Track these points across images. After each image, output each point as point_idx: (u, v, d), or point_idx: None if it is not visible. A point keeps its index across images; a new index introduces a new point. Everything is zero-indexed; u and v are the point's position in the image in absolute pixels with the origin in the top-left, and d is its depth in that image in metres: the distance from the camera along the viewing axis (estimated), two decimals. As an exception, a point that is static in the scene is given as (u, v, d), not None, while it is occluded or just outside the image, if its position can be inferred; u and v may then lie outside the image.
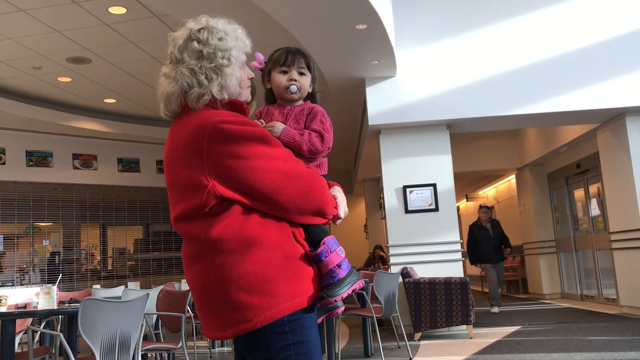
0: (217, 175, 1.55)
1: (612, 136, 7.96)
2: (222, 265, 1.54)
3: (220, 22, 1.71)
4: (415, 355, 5.69)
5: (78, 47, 7.26)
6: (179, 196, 1.62)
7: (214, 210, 1.56)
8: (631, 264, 7.63)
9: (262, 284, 1.53)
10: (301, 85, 1.88)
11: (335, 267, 1.64)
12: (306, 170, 1.66)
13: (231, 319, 1.54)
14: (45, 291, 4.19)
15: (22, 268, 9.99)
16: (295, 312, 1.56)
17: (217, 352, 6.77)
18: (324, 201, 1.67)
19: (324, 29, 5.76)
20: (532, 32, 7.49)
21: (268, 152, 1.59)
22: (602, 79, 7.30)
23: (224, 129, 1.56)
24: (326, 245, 1.64)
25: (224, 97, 1.65)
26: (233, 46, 1.68)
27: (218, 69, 1.65)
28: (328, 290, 1.62)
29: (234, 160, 1.55)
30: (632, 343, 5.56)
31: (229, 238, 1.54)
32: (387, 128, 7.57)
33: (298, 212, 1.61)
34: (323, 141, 1.82)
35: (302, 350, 1.57)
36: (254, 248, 1.54)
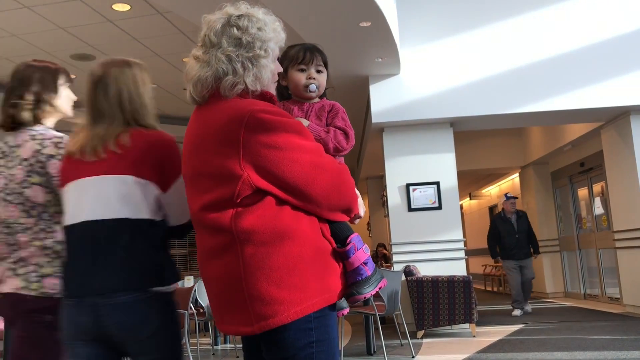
0: (252, 165, 1.51)
1: (617, 135, 7.94)
2: (253, 256, 1.50)
3: (260, 12, 1.68)
4: (418, 354, 5.69)
5: (82, 44, 7.27)
6: (208, 185, 1.56)
7: (246, 200, 1.52)
8: (635, 263, 7.61)
9: (292, 277, 1.50)
10: (319, 83, 1.87)
11: (362, 265, 1.63)
12: (339, 166, 1.66)
13: (259, 313, 1.50)
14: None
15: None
16: (322, 308, 1.54)
17: (220, 349, 6.78)
18: (354, 198, 1.67)
19: (328, 26, 5.75)
20: (537, 30, 7.46)
21: (304, 144, 1.57)
22: (607, 77, 7.28)
23: (263, 118, 1.52)
24: (353, 243, 1.64)
25: (257, 88, 1.61)
26: (271, 38, 1.65)
27: (255, 59, 1.60)
28: (357, 287, 1.61)
29: (270, 150, 1.51)
30: (636, 342, 5.55)
31: (261, 229, 1.51)
32: (391, 126, 7.56)
33: (329, 207, 1.60)
34: (348, 139, 1.81)
35: (324, 348, 1.56)
36: (286, 241, 1.51)
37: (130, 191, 1.76)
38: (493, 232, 8.78)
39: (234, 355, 6.21)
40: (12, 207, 2.00)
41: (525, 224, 8.65)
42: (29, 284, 1.95)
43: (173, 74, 8.46)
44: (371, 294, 1.63)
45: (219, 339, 7.07)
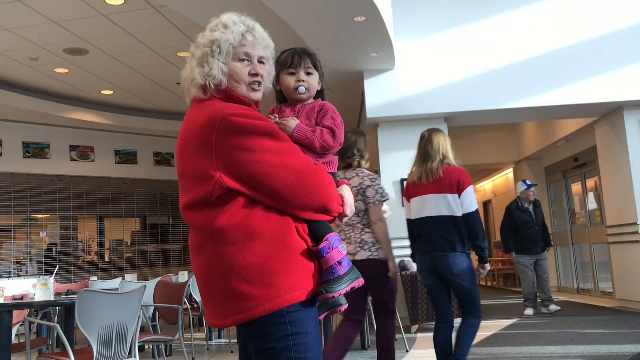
0: (224, 166, 1.59)
1: (610, 130, 7.96)
2: (225, 254, 1.58)
3: (227, 16, 1.76)
4: (412, 348, 5.71)
5: (75, 38, 7.22)
6: (188, 185, 1.67)
7: (219, 200, 1.60)
8: (627, 258, 7.65)
9: (262, 275, 1.57)
10: (309, 85, 1.93)
11: (335, 264, 1.66)
12: (312, 167, 1.69)
13: (232, 308, 1.58)
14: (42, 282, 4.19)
15: (19, 260, 9.99)
16: (294, 304, 1.59)
17: (215, 343, 6.78)
18: (327, 198, 1.69)
19: (322, 21, 5.74)
20: (531, 26, 7.47)
21: (275, 146, 1.62)
22: (600, 72, 7.30)
23: (233, 122, 1.59)
24: (328, 242, 1.67)
25: (207, 83, 1.69)
26: (220, 38, 1.70)
27: (204, 57, 1.70)
28: (327, 286, 1.65)
29: (241, 152, 1.58)
30: (628, 336, 5.58)
31: (232, 229, 1.58)
32: (385, 121, 7.56)
33: (301, 207, 1.64)
34: (335, 137, 1.85)
35: (301, 340, 1.60)
36: (256, 240, 1.58)
37: (447, 201, 3.69)
38: (508, 223, 7.85)
39: (228, 350, 6.21)
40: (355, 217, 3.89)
41: (541, 214, 7.93)
42: (371, 253, 3.81)
43: (166, 68, 8.42)
44: (340, 293, 1.65)
45: (213, 333, 7.07)
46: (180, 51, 7.79)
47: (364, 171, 3.92)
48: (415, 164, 3.89)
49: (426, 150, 3.82)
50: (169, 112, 10.84)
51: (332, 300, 1.68)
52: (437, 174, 3.71)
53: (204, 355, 6.03)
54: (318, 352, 1.65)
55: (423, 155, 3.82)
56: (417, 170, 3.83)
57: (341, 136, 1.87)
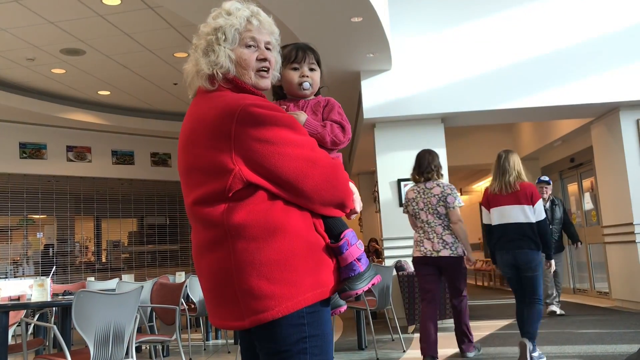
0: (244, 159, 1.52)
1: (606, 130, 7.99)
2: (245, 251, 1.50)
3: (230, 3, 1.70)
4: (409, 348, 5.72)
5: (72, 38, 7.22)
6: (200, 179, 1.57)
7: (237, 195, 1.52)
8: (623, 258, 7.68)
9: (284, 272, 1.50)
10: (313, 81, 1.89)
11: (355, 260, 1.62)
12: (332, 161, 1.65)
13: (250, 308, 1.50)
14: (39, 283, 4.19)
15: (16, 260, 9.97)
16: (314, 303, 1.54)
17: (212, 344, 6.78)
18: (347, 193, 1.66)
19: (319, 22, 5.74)
20: (527, 27, 7.49)
21: (296, 139, 1.57)
22: (597, 73, 7.32)
23: (254, 112, 1.53)
24: (347, 238, 1.63)
25: (215, 73, 1.62)
26: (227, 24, 1.64)
27: (209, 45, 1.64)
28: (349, 283, 1.60)
29: (262, 144, 1.52)
30: (624, 336, 5.60)
31: (252, 224, 1.51)
32: (382, 121, 7.57)
33: (321, 202, 1.60)
34: (344, 132, 1.82)
35: (317, 343, 1.55)
36: (277, 235, 1.51)
37: (524, 211, 4.51)
38: None
39: (226, 350, 6.21)
40: (431, 216, 4.77)
41: (560, 213, 7.44)
42: (452, 252, 4.68)
43: (163, 68, 8.42)
44: (363, 290, 1.62)
45: (210, 334, 7.07)
46: (177, 52, 7.79)
47: (443, 182, 4.91)
48: (494, 179, 4.76)
49: (504, 167, 4.69)
50: (166, 112, 10.84)
51: (332, 302, 1.66)
52: (515, 187, 4.58)
53: (201, 356, 6.03)
54: (331, 356, 1.60)
55: (501, 171, 4.70)
56: (497, 183, 4.69)
57: (350, 132, 1.84)
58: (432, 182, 4.86)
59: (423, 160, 4.95)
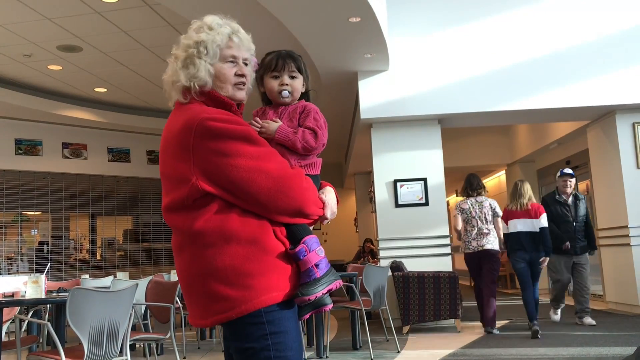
0: (201, 170, 1.61)
1: (602, 133, 8.01)
2: (202, 257, 1.61)
3: (211, 18, 1.77)
4: (404, 349, 5.72)
5: (69, 35, 7.19)
6: (168, 187, 1.71)
7: (197, 203, 1.63)
8: (618, 261, 7.70)
9: (239, 277, 1.59)
10: (293, 89, 1.92)
11: (312, 267, 1.67)
12: (289, 171, 1.70)
13: (210, 309, 1.61)
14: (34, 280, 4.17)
15: (10, 257, 9.93)
16: (271, 305, 1.61)
17: (206, 343, 6.77)
18: (302, 202, 1.69)
19: (317, 22, 5.74)
20: (524, 29, 7.51)
21: (252, 151, 1.64)
22: (593, 76, 7.35)
23: (209, 126, 1.61)
24: (305, 245, 1.67)
25: (192, 85, 1.71)
26: (207, 39, 1.72)
27: (189, 58, 1.72)
28: (302, 289, 1.66)
29: (217, 157, 1.61)
30: (618, 338, 5.62)
31: (209, 232, 1.61)
32: (379, 122, 7.57)
33: (276, 211, 1.66)
34: (317, 138, 1.85)
35: (280, 339, 1.62)
36: (232, 242, 1.60)
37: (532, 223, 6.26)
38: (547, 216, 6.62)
39: (220, 349, 6.20)
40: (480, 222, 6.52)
41: (585, 210, 6.87)
42: (493, 247, 6.44)
43: (161, 66, 8.35)
44: (316, 296, 1.66)
45: (205, 333, 7.06)
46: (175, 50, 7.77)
47: (489, 198, 6.73)
48: (511, 200, 6.52)
49: (520, 193, 6.44)
50: (163, 110, 10.81)
51: (316, 300, 1.68)
52: (527, 207, 6.35)
53: (196, 354, 6.02)
54: (298, 350, 1.66)
55: (518, 195, 6.44)
56: (514, 203, 6.45)
57: (324, 137, 1.87)
58: (481, 197, 6.66)
59: (474, 180, 6.78)
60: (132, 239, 11.57)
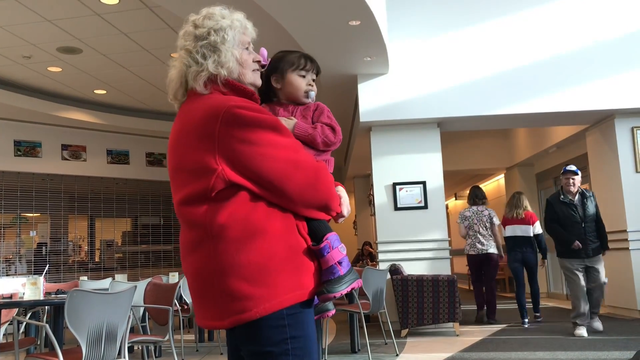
0: (227, 159, 1.54)
1: (601, 137, 8.02)
2: (225, 252, 1.52)
3: (217, 9, 1.73)
4: (402, 352, 5.72)
5: (69, 36, 7.20)
6: (185, 179, 1.60)
7: (220, 195, 1.54)
8: (616, 265, 7.70)
9: (263, 274, 1.52)
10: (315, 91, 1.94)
11: (336, 264, 1.63)
12: (315, 163, 1.66)
13: (230, 309, 1.53)
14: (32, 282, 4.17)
15: (8, 259, 9.92)
16: (294, 305, 1.55)
17: (204, 345, 6.76)
18: (330, 196, 1.66)
19: (317, 25, 5.75)
20: (524, 33, 7.52)
21: (280, 141, 1.59)
22: (592, 80, 7.36)
23: (238, 114, 1.55)
24: (329, 241, 1.63)
25: (220, 72, 1.65)
26: (227, 26, 1.68)
27: (212, 45, 1.66)
28: (328, 286, 1.61)
29: (245, 145, 1.54)
30: (616, 342, 5.61)
31: (233, 225, 1.53)
32: (378, 125, 7.58)
33: (303, 204, 1.61)
34: (335, 133, 1.84)
35: (299, 344, 1.56)
36: (258, 237, 1.53)
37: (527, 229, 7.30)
38: (551, 217, 6.43)
39: (218, 352, 6.19)
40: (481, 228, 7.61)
41: (594, 209, 6.39)
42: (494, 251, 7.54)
43: (160, 68, 8.41)
44: (342, 293, 1.63)
45: (203, 335, 7.05)
46: (174, 52, 7.78)
47: (488, 208, 7.84)
48: (508, 208, 7.56)
49: (517, 204, 7.49)
50: (162, 112, 10.82)
51: (321, 305, 1.67)
52: (522, 215, 7.38)
53: (194, 356, 6.01)
54: (315, 357, 1.61)
55: (515, 205, 7.48)
56: (511, 212, 7.48)
57: (340, 133, 1.86)
58: (482, 207, 7.81)
59: (478, 192, 7.97)
60: (131, 241, 11.57)
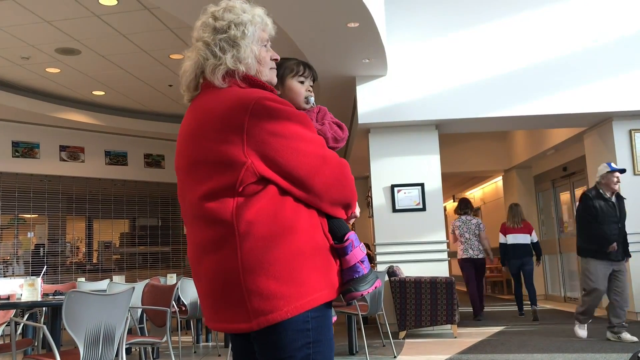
0: (257, 152, 1.48)
1: (599, 140, 8.03)
2: (253, 249, 1.46)
3: (238, 2, 1.69)
4: (400, 354, 5.72)
5: (67, 38, 7.20)
6: (208, 173, 1.52)
7: (247, 190, 1.48)
8: (614, 267, 7.70)
9: (293, 272, 1.47)
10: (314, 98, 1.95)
11: (359, 262, 1.62)
12: (341, 160, 1.64)
13: (258, 309, 1.46)
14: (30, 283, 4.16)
15: (6, 260, 9.90)
16: (319, 306, 1.51)
17: (202, 346, 6.75)
18: (354, 193, 1.66)
19: (316, 26, 5.75)
20: (522, 35, 7.53)
21: (308, 135, 1.56)
22: (591, 82, 7.37)
23: (268, 106, 1.51)
24: (351, 239, 1.62)
25: (239, 68, 1.60)
26: (248, 20, 1.64)
27: (231, 40, 1.61)
28: (355, 284, 1.60)
29: (275, 138, 1.49)
30: (614, 345, 5.62)
31: (262, 221, 1.47)
32: (377, 127, 7.58)
33: (330, 200, 1.58)
34: (342, 129, 1.88)
35: (321, 349, 1.53)
36: (287, 234, 1.48)
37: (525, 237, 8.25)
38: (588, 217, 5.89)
39: (216, 353, 6.19)
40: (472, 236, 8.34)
41: (624, 213, 5.98)
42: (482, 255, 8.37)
43: (159, 70, 8.41)
44: (368, 292, 1.62)
45: (200, 337, 7.05)
46: (173, 53, 7.79)
47: (476, 217, 8.74)
48: (509, 219, 8.44)
49: (515, 214, 8.43)
50: (161, 113, 10.82)
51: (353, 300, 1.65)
52: (520, 224, 8.33)
53: (191, 358, 6.01)
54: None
55: (514, 215, 8.42)
56: (511, 221, 8.39)
57: (347, 130, 1.88)
58: (470, 216, 8.58)
59: (468, 204, 8.79)
60: (129, 242, 11.55)
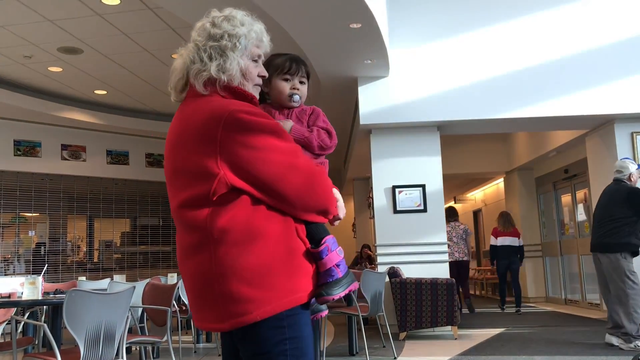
0: (228, 163, 1.54)
1: (601, 142, 8.02)
2: (225, 256, 1.53)
3: (240, 14, 1.72)
4: (400, 355, 5.72)
5: (70, 37, 7.21)
6: (185, 182, 1.60)
7: (221, 199, 1.54)
8: (615, 270, 7.69)
9: (263, 277, 1.53)
10: (302, 94, 1.92)
11: (334, 266, 1.65)
12: (315, 168, 1.67)
13: (230, 311, 1.53)
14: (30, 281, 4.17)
15: (7, 258, 9.91)
16: (294, 307, 1.57)
17: (202, 347, 6.75)
18: (328, 199, 1.68)
19: (318, 27, 5.75)
20: (524, 37, 7.53)
21: (281, 145, 1.59)
22: (592, 85, 7.36)
23: (240, 118, 1.55)
24: (327, 244, 1.65)
25: (221, 78, 1.64)
26: (243, 34, 1.67)
27: (221, 49, 1.65)
28: (327, 288, 1.63)
29: (247, 150, 1.54)
30: (614, 347, 5.61)
31: (234, 229, 1.53)
32: (378, 128, 7.58)
33: (303, 207, 1.62)
34: (331, 137, 1.87)
35: (297, 345, 1.58)
36: (258, 241, 1.54)
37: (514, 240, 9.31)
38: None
39: (216, 353, 6.19)
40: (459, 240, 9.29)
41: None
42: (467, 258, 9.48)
43: (161, 69, 8.42)
44: (340, 296, 1.64)
45: (201, 336, 7.04)
46: (175, 53, 7.78)
47: (463, 223, 9.57)
48: (500, 224, 9.37)
49: (507, 220, 9.37)
50: (162, 113, 10.82)
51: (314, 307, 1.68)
52: (510, 229, 9.26)
53: (192, 357, 6.01)
54: (312, 357, 1.63)
55: (504, 221, 9.36)
56: (502, 226, 9.32)
57: (335, 137, 1.88)
58: (458, 222, 9.48)
59: (455, 212, 9.74)
60: (130, 241, 11.56)
